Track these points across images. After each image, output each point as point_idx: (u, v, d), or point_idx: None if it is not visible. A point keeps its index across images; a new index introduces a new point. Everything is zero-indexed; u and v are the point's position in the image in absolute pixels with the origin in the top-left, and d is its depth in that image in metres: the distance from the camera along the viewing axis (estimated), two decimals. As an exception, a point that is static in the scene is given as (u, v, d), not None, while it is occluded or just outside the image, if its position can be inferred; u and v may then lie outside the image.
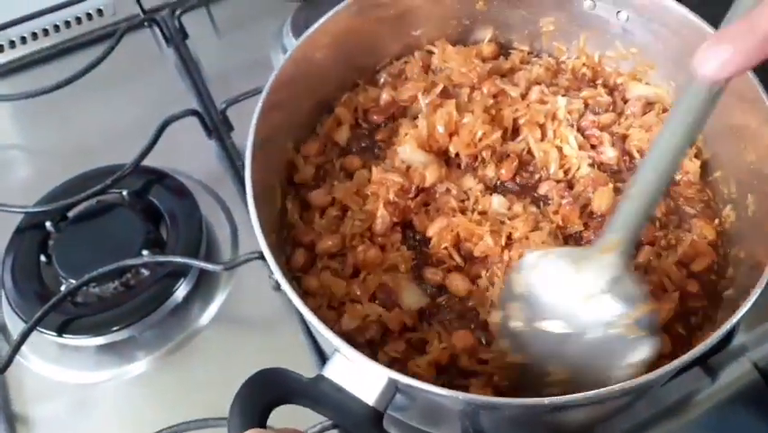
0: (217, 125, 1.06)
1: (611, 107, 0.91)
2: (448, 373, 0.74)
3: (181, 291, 0.91)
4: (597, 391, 0.59)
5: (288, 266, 0.80)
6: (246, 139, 0.77)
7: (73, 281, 0.89)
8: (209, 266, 0.89)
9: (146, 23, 1.20)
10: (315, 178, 0.88)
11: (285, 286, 0.68)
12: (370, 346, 0.76)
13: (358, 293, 0.78)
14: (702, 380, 0.84)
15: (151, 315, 0.88)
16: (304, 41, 0.84)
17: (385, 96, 0.91)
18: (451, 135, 0.86)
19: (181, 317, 0.91)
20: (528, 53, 0.99)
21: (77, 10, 1.22)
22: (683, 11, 0.82)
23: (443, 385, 0.63)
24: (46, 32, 1.22)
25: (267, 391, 0.62)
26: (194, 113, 1.03)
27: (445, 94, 0.90)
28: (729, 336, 0.85)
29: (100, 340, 0.87)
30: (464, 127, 0.85)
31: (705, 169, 0.86)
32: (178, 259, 0.89)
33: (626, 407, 0.79)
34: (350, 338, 0.73)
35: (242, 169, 0.97)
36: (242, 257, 0.88)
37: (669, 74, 0.89)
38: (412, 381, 0.62)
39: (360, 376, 0.63)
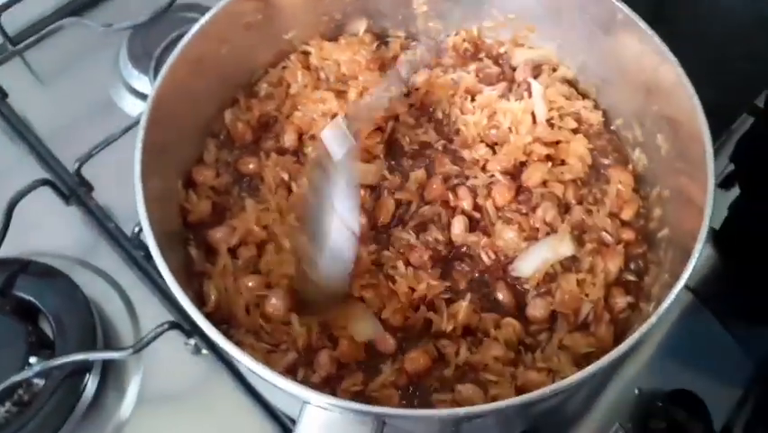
0: (74, 189, 0.92)
1: (501, 77, 0.89)
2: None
3: (89, 390, 0.78)
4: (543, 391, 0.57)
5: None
6: (111, 195, 0.73)
7: (-48, 421, 0.73)
8: (115, 354, 0.77)
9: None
10: (212, 214, 0.79)
11: (225, 345, 0.60)
12: (329, 385, 0.69)
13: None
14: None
15: (63, 427, 0.75)
16: (168, 71, 0.74)
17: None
18: None
19: (97, 418, 0.78)
20: (406, 38, 0.94)
21: None
22: None
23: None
24: None
25: None
26: (44, 182, 0.87)
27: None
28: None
29: (9, 481, 0.73)
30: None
31: (606, 118, 0.86)
32: (78, 356, 0.75)
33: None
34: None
35: (117, 230, 0.87)
36: (151, 332, 0.76)
37: (549, 33, 0.88)
38: (404, 411, 0.58)
39: (341, 425, 0.56)
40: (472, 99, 0.86)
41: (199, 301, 0.72)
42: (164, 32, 0.96)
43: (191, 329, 0.81)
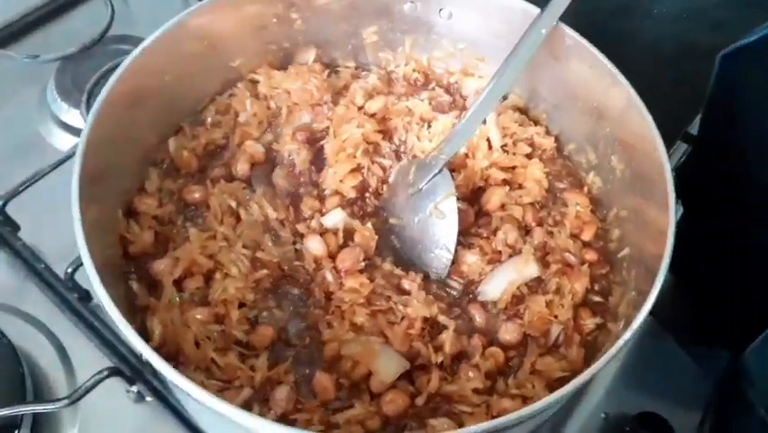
0: (-4, 228, 0.84)
1: (453, 105, 0.90)
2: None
3: (19, 450, 0.69)
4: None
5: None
6: (40, 235, 0.71)
7: None
8: (48, 407, 0.69)
9: None
10: (154, 245, 0.74)
11: (178, 380, 0.55)
12: (284, 421, 0.64)
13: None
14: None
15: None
16: (103, 102, 0.70)
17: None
18: None
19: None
20: (356, 68, 0.94)
21: None
22: None
23: None
24: None
25: None
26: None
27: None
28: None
29: None
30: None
31: (558, 143, 0.87)
32: (2, 411, 0.67)
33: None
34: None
35: (47, 271, 0.81)
36: (89, 381, 0.69)
37: (499, 63, 0.86)
38: None
39: None
40: (428, 126, 0.86)
41: (143, 338, 0.64)
42: (95, 64, 0.92)
43: (133, 375, 0.74)
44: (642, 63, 1.01)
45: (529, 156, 0.85)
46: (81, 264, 0.64)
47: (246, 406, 0.63)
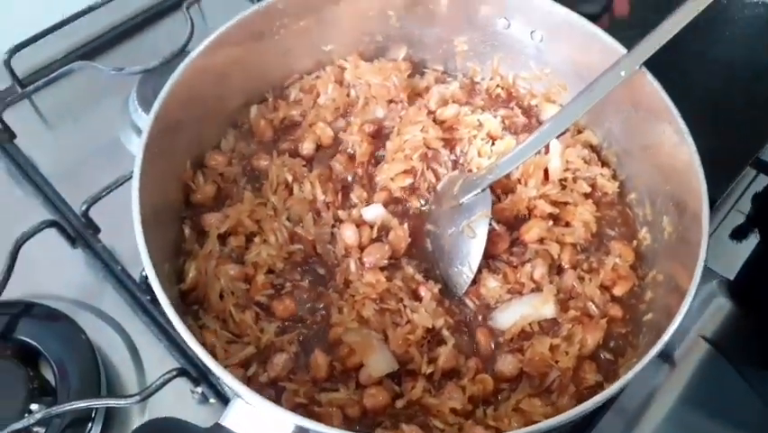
0: (80, 231, 0.91)
1: (527, 128, 0.90)
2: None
3: (91, 439, 0.75)
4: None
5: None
6: (119, 238, 0.75)
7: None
8: (121, 402, 0.73)
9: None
10: (214, 198, 0.81)
11: (180, 327, 0.60)
12: (274, 385, 0.69)
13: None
14: (660, 368, 0.84)
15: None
16: (204, 52, 0.77)
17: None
18: None
19: (99, 468, 0.75)
20: (443, 73, 0.96)
21: None
22: (596, 30, 0.81)
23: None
24: None
25: None
26: (51, 224, 0.86)
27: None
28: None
29: None
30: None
31: (622, 190, 0.86)
32: (80, 404, 0.72)
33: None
34: (251, 378, 0.68)
35: (123, 273, 0.86)
36: (158, 381, 0.74)
37: None
38: (322, 427, 0.56)
39: (263, 424, 0.56)
40: (492, 143, 0.87)
41: (178, 278, 0.74)
42: None
43: (199, 377, 0.79)
44: (712, 85, 1.00)
45: (588, 196, 0.84)
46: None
47: (246, 362, 0.69)
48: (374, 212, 0.81)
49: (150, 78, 1.03)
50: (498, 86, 0.94)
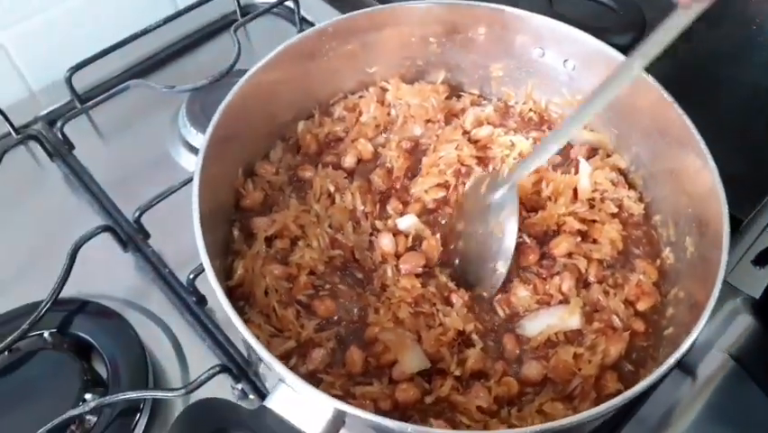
0: (132, 236, 0.97)
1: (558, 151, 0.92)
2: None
3: (139, 428, 0.80)
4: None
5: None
6: (166, 243, 0.81)
7: (7, 456, 0.76)
8: (168, 394, 0.78)
9: (23, 141, 1.08)
10: (262, 204, 0.87)
11: (234, 318, 0.65)
12: (312, 378, 0.74)
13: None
14: (683, 382, 0.86)
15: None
16: (260, 70, 0.84)
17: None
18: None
19: (144, 458, 0.79)
20: (478, 96, 1.01)
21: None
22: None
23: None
24: None
25: (206, 420, 0.59)
26: (106, 228, 0.93)
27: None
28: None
29: None
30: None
31: (647, 211, 0.89)
32: (129, 395, 0.77)
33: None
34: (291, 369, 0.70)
35: (171, 276, 0.92)
36: (203, 375, 0.78)
37: (611, 121, 0.93)
38: (361, 412, 0.59)
39: (304, 408, 0.61)
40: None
41: (226, 275, 0.80)
42: (222, 94, 1.00)
43: (239, 374, 0.83)
44: (741, 110, 1.03)
45: (615, 216, 0.87)
46: (201, 271, 0.75)
47: (286, 355, 0.75)
48: (408, 222, 0.86)
49: (198, 95, 1.10)
50: (530, 110, 0.99)
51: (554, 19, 0.91)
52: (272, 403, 0.60)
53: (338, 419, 0.60)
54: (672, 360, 0.65)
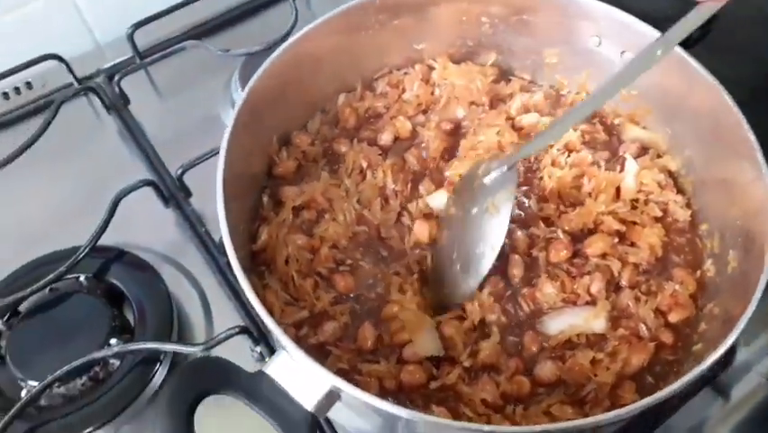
0: (174, 193, 0.99)
1: (606, 146, 0.90)
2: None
3: (157, 379, 0.82)
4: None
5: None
6: (206, 203, 0.80)
7: (34, 384, 0.79)
8: (186, 349, 0.80)
9: (83, 92, 1.12)
10: (294, 173, 0.88)
11: (245, 285, 0.66)
12: (321, 349, 0.74)
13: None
14: (714, 402, 0.82)
15: (128, 408, 0.80)
16: (301, 39, 0.84)
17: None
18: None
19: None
20: (529, 82, 0.98)
21: (4, 85, 1.13)
22: (690, 60, 0.81)
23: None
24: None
25: (202, 377, 0.60)
26: (148, 183, 0.95)
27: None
28: (733, 350, 0.84)
29: (73, 445, 0.78)
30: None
31: (694, 219, 0.84)
32: (151, 345, 0.81)
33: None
34: (300, 338, 0.73)
35: (206, 235, 0.94)
36: (222, 335, 0.80)
37: (666, 120, 0.88)
38: (356, 391, 0.59)
39: (301, 378, 0.61)
40: (568, 155, 0.88)
41: (251, 240, 0.81)
42: None
43: (259, 337, 0.85)
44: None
45: (659, 220, 0.83)
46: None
47: (299, 324, 0.75)
48: (439, 199, 0.84)
49: (252, 61, 1.11)
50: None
51: (616, 8, 0.86)
52: (270, 369, 0.61)
53: (334, 394, 0.61)
54: (691, 375, 0.61)
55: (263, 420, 0.61)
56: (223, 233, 0.69)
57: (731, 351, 0.84)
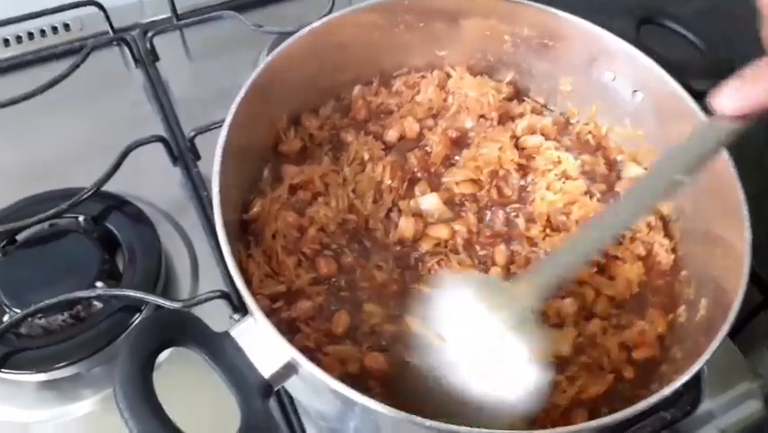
0: (183, 153, 1.02)
1: (604, 179, 0.91)
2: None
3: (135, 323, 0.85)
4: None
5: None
6: (211, 167, 0.73)
7: (17, 311, 0.82)
8: (167, 303, 0.83)
9: (115, 42, 1.15)
10: (298, 153, 0.90)
11: (224, 248, 0.67)
12: (292, 324, 0.75)
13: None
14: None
15: (102, 351, 0.82)
16: (321, 27, 0.86)
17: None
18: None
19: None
20: (542, 106, 1.00)
21: (43, 22, 1.17)
22: (695, 108, 0.82)
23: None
24: (6, 41, 1.17)
25: (168, 327, 0.62)
26: (160, 139, 0.99)
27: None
28: (698, 399, 0.85)
29: (42, 376, 0.81)
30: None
31: (677, 264, 0.85)
32: (134, 293, 0.83)
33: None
34: (274, 311, 0.74)
35: (207, 200, 0.97)
36: (203, 296, 0.83)
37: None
38: (312, 367, 0.61)
39: (263, 346, 0.63)
40: (564, 181, 0.89)
41: (243, 209, 0.83)
42: None
43: (239, 305, 0.87)
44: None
45: (642, 258, 0.84)
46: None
47: (275, 297, 0.77)
48: (429, 202, 0.86)
49: (282, 40, 1.10)
50: (589, 132, 0.96)
51: (636, 47, 0.87)
52: (235, 332, 0.63)
53: (292, 367, 0.62)
54: (639, 406, 0.63)
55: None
56: (213, 195, 0.71)
57: (695, 400, 0.85)
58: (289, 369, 0.63)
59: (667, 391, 0.64)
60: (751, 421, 0.88)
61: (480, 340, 0.66)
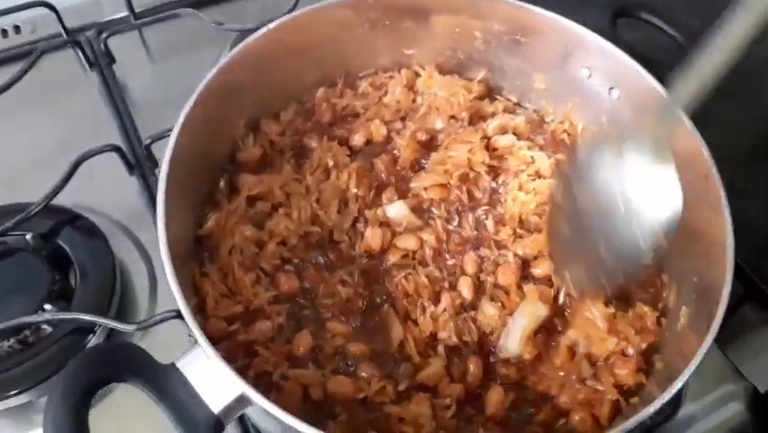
0: (140, 161, 0.97)
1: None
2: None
3: (90, 349, 0.80)
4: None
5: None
6: None
7: (-41, 339, 0.78)
8: (120, 326, 0.78)
9: (69, 44, 1.10)
10: (257, 161, 0.85)
11: (168, 269, 0.63)
12: (250, 348, 0.71)
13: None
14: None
15: (53, 377, 0.77)
16: (280, 26, 0.82)
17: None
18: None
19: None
20: (515, 104, 0.96)
21: (-9, 25, 1.11)
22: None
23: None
24: (-49, 46, 1.10)
25: (110, 363, 0.58)
26: (114, 148, 0.93)
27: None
28: (678, 404, 0.83)
29: (-9, 406, 0.76)
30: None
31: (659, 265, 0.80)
32: (85, 317, 0.78)
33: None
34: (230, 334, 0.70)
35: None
36: (158, 316, 0.79)
37: None
38: (269, 405, 0.56)
39: (213, 379, 0.58)
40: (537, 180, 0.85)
41: (198, 225, 0.78)
42: None
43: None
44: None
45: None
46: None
47: (231, 318, 0.72)
48: (396, 210, 0.82)
49: (244, 38, 1.07)
50: (564, 131, 0.92)
51: (612, 42, 0.83)
52: (182, 363, 0.59)
53: (245, 400, 0.58)
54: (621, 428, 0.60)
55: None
56: (158, 212, 0.66)
57: (676, 404, 0.82)
58: (242, 402, 0.59)
59: (651, 409, 0.61)
60: (733, 424, 0.85)
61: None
